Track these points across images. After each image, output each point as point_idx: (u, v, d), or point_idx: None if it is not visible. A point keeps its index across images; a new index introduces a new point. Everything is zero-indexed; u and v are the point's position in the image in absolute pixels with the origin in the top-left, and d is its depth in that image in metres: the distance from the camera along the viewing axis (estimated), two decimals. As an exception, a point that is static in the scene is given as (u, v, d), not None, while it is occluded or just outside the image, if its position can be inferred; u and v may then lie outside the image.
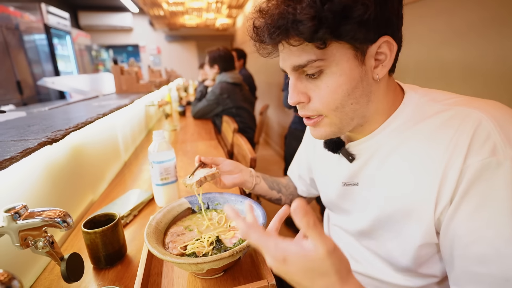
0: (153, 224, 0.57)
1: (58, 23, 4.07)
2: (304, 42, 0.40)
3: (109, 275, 0.58)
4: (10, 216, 0.40)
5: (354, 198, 0.56)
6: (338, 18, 0.37)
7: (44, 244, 0.44)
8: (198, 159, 0.69)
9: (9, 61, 3.00)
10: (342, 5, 0.37)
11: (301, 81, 0.46)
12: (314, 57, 0.41)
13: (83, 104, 1.37)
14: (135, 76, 1.91)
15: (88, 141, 0.97)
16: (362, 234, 0.56)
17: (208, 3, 4.31)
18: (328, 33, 0.38)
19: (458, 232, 0.40)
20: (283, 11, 0.39)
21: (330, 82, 0.43)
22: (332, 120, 0.46)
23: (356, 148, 0.52)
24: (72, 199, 0.83)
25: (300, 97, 0.46)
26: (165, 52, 7.47)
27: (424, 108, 0.45)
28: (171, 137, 1.77)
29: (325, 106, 0.45)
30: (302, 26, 0.38)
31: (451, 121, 0.41)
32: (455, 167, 0.39)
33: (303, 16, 0.37)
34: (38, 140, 0.60)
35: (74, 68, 4.68)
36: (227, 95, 2.04)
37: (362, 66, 0.42)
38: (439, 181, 0.40)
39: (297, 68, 0.44)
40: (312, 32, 0.38)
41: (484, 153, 0.37)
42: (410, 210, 0.45)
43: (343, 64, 0.42)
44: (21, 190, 0.61)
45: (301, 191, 0.80)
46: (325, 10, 0.37)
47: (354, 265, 0.60)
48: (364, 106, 0.45)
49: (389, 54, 0.43)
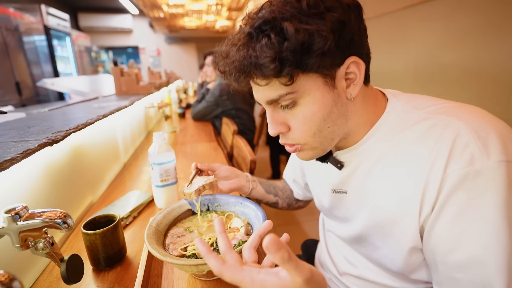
0: (153, 225, 0.57)
1: (58, 24, 4.07)
2: (271, 80, 0.41)
3: (109, 276, 0.58)
4: (11, 217, 0.40)
5: (344, 206, 0.56)
6: (299, 55, 0.38)
7: (44, 245, 0.44)
8: (195, 166, 0.69)
9: (8, 62, 3.00)
10: (299, 42, 0.37)
11: (277, 112, 0.46)
12: (285, 92, 0.42)
13: (83, 105, 1.37)
14: (135, 78, 1.92)
15: (88, 143, 0.97)
16: (354, 241, 0.56)
17: (208, 5, 4.33)
18: (293, 69, 0.39)
19: (438, 240, 0.41)
20: (244, 55, 0.40)
21: (305, 111, 0.44)
22: (313, 145, 0.47)
23: (344, 156, 0.53)
24: (71, 200, 0.83)
25: (280, 128, 0.46)
26: (164, 54, 7.48)
27: (407, 116, 0.45)
28: (171, 139, 1.77)
29: (304, 134, 0.46)
30: (265, 69, 0.39)
31: (432, 131, 0.42)
32: (436, 175, 0.40)
33: (264, 59, 0.38)
34: (38, 141, 0.60)
35: (73, 70, 4.68)
36: (227, 97, 2.05)
37: (333, 90, 0.43)
38: (422, 189, 0.41)
39: (271, 102, 0.45)
40: (276, 73, 0.39)
41: (462, 162, 0.38)
42: (396, 218, 0.45)
43: (314, 93, 0.42)
44: (21, 191, 0.61)
45: (297, 194, 0.80)
46: (284, 50, 0.37)
47: (349, 268, 0.61)
48: (342, 126, 0.46)
49: (358, 73, 0.43)
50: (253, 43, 0.39)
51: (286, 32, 0.37)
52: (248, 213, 0.63)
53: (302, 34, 0.37)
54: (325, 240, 0.70)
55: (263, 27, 0.39)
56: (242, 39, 0.41)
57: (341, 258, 0.62)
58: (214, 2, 4.18)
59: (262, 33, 0.39)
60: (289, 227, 2.05)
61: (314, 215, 2.19)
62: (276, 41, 0.37)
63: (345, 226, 0.57)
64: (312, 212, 2.23)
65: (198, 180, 0.64)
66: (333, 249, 0.66)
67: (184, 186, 0.62)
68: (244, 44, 0.40)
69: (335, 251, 0.65)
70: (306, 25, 0.37)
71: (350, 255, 0.60)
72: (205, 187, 0.62)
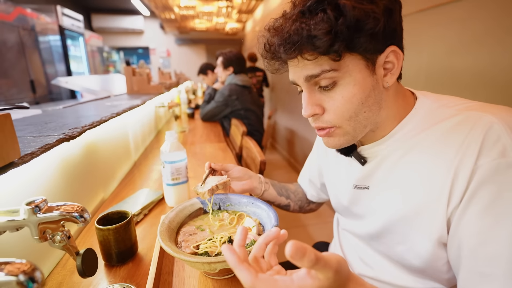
0: (166, 222, 0.57)
1: (72, 24, 4.16)
2: (318, 56, 0.42)
3: (121, 272, 0.59)
4: (31, 209, 0.41)
5: (364, 202, 0.56)
6: (351, 31, 0.39)
7: (61, 238, 0.45)
8: (208, 165, 0.69)
9: (24, 61, 3.08)
10: (355, 19, 0.39)
11: (314, 93, 0.47)
12: (329, 67, 0.42)
13: (96, 103, 1.39)
14: (146, 78, 1.94)
15: (101, 140, 0.98)
16: (372, 237, 0.55)
17: (219, 7, 4.37)
18: (343, 46, 0.40)
19: (466, 232, 0.40)
20: (297, 27, 0.40)
21: (344, 92, 0.44)
22: (346, 130, 0.47)
23: (368, 151, 0.53)
24: (84, 195, 0.84)
25: (315, 109, 0.46)
26: (174, 55, 7.57)
27: (436, 113, 0.46)
28: (180, 139, 1.78)
29: (340, 116, 0.45)
30: (317, 41, 0.39)
31: (463, 124, 0.42)
32: (466, 167, 0.39)
33: (318, 31, 0.39)
34: (56, 136, 0.61)
35: (85, 69, 4.77)
36: (236, 97, 2.06)
37: (373, 76, 0.44)
38: (451, 180, 0.41)
39: (310, 79, 0.45)
40: (328, 46, 0.39)
41: (494, 154, 0.38)
42: (423, 209, 0.45)
43: (356, 74, 0.43)
44: (39, 184, 0.62)
45: (311, 196, 0.80)
46: (339, 25, 0.38)
47: (364, 269, 0.60)
48: (376, 113, 0.47)
49: (397, 63, 0.45)
50: (307, 18, 0.40)
51: (343, 8, 0.39)
52: (259, 213, 0.63)
53: (358, 11, 0.38)
54: (339, 241, 0.70)
55: (318, 4, 0.40)
56: (295, 15, 0.42)
57: (357, 259, 0.62)
58: (225, 5, 4.22)
59: (318, 8, 0.40)
60: (296, 230, 2.04)
61: (321, 219, 2.17)
62: (332, 15, 0.39)
63: (364, 223, 0.57)
64: (319, 216, 2.21)
65: (211, 180, 0.65)
66: (348, 249, 0.65)
67: (198, 185, 0.63)
68: (298, 18, 0.41)
69: (351, 252, 0.64)
70: (361, 5, 0.39)
71: (366, 255, 0.59)
72: (218, 186, 0.62)
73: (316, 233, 2.02)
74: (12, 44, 2.89)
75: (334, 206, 0.67)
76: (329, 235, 1.13)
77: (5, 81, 2.79)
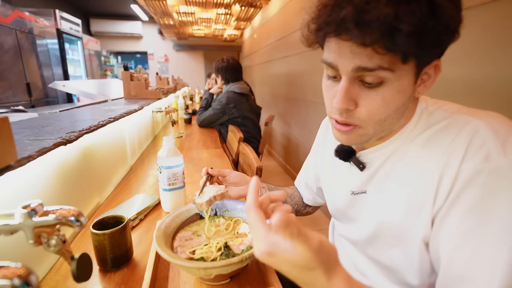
0: (162, 228, 0.57)
1: (70, 28, 4.17)
2: (387, 52, 0.36)
3: (115, 277, 0.58)
4: (27, 213, 0.41)
5: (361, 206, 0.56)
6: (434, 38, 0.35)
7: (56, 242, 0.44)
8: (206, 171, 0.69)
9: (20, 63, 3.07)
10: (445, 25, 0.35)
11: (353, 86, 0.42)
12: (386, 65, 0.38)
13: (93, 107, 1.39)
14: (144, 83, 1.95)
15: (97, 144, 0.98)
16: (366, 242, 0.55)
17: (217, 14, 4.41)
18: (418, 52, 0.36)
19: (447, 234, 0.40)
20: (382, 8, 0.33)
21: (386, 95, 0.41)
22: (366, 131, 0.45)
23: (367, 157, 0.53)
24: (80, 200, 0.83)
25: (350, 104, 0.42)
26: (172, 60, 7.60)
27: (430, 117, 0.47)
28: (177, 144, 1.78)
29: (371, 117, 0.43)
30: (399, 36, 0.34)
31: (451, 127, 0.42)
32: (451, 169, 0.40)
33: (404, 24, 0.33)
34: (53, 140, 0.61)
35: (83, 73, 4.76)
36: (233, 105, 2.07)
37: (414, 85, 0.42)
38: (437, 182, 0.41)
39: (359, 71, 0.39)
40: (405, 47, 0.35)
41: (478, 159, 0.38)
42: (412, 212, 0.45)
43: (404, 80, 0.40)
44: (34, 188, 0.62)
45: (307, 200, 0.80)
46: (429, 27, 0.34)
47: (359, 278, 0.60)
48: (398, 120, 0.46)
49: (433, 76, 0.43)
50: (398, 1, 0.33)
51: (440, 7, 0.34)
52: (255, 219, 0.63)
53: (451, 18, 0.35)
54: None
55: None
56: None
57: (351, 266, 0.62)
58: (223, 12, 4.27)
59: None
60: (291, 237, 2.03)
61: (318, 226, 2.17)
62: (426, 11, 0.33)
63: (360, 226, 0.56)
64: (315, 223, 2.21)
65: (209, 190, 0.64)
66: (343, 256, 0.65)
67: (195, 195, 0.62)
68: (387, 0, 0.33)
69: (345, 259, 0.64)
70: (456, 10, 0.35)
71: (360, 262, 0.59)
72: (216, 197, 0.61)
73: (311, 240, 2.01)
74: (9, 46, 2.88)
75: (330, 211, 0.67)
76: (324, 242, 1.12)
77: (1, 83, 2.78)
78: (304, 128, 2.85)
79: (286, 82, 3.31)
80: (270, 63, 3.98)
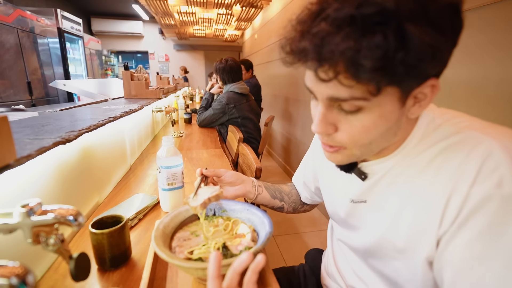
0: (160, 228, 0.57)
1: (71, 27, 4.18)
2: (354, 84, 0.34)
3: (114, 277, 0.59)
4: (26, 212, 0.41)
5: (361, 215, 0.54)
6: (407, 68, 0.32)
7: (55, 241, 0.44)
8: (200, 172, 0.67)
9: (21, 62, 3.08)
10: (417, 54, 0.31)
11: (331, 111, 0.40)
12: (359, 95, 0.35)
13: (93, 107, 1.39)
14: (145, 82, 1.95)
15: (97, 144, 0.98)
16: (367, 252, 0.54)
17: (218, 14, 4.42)
18: (388, 81, 0.34)
19: (450, 258, 0.39)
20: (341, 41, 0.31)
21: (366, 121, 0.39)
22: (353, 152, 0.44)
23: (370, 168, 0.51)
24: (79, 199, 0.84)
25: (328, 129, 0.42)
26: (173, 60, 7.61)
27: (438, 130, 0.44)
28: (177, 144, 1.78)
29: (352, 141, 0.42)
30: (362, 71, 0.31)
31: (462, 145, 0.40)
32: (460, 192, 0.38)
33: (367, 59, 0.30)
34: (53, 139, 0.61)
35: (83, 72, 4.77)
36: (233, 105, 2.07)
37: (402, 108, 0.39)
38: (445, 203, 0.39)
39: (333, 100, 0.38)
40: (370, 80, 0.33)
41: (489, 184, 0.36)
42: (415, 230, 0.44)
43: (385, 107, 0.37)
44: (33, 187, 0.62)
45: (305, 198, 0.80)
46: (396, 59, 0.31)
47: (357, 282, 0.59)
48: (389, 141, 0.44)
49: (430, 96, 0.39)
50: (358, 32, 0.30)
51: (409, 37, 0.30)
52: (254, 220, 0.63)
53: (424, 47, 0.31)
54: (333, 251, 0.69)
55: (379, 17, 0.30)
56: (342, 19, 0.31)
57: (349, 271, 0.61)
58: (224, 12, 4.27)
59: (376, 24, 0.30)
60: (290, 237, 2.04)
61: (316, 226, 2.17)
62: (393, 43, 0.30)
63: (360, 236, 0.55)
64: (314, 223, 2.21)
65: (203, 191, 0.62)
66: (341, 260, 0.64)
67: (189, 197, 0.61)
68: (345, 25, 0.31)
69: (343, 263, 0.63)
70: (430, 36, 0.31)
71: (360, 269, 0.58)
72: (210, 199, 0.60)
73: (310, 241, 2.01)
74: (10, 45, 2.89)
75: (329, 212, 0.67)
76: (323, 242, 1.13)
77: (2, 82, 2.78)
78: (304, 129, 2.85)
79: (287, 82, 3.31)
80: (271, 64, 3.99)
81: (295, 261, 1.10)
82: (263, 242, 0.52)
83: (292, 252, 1.87)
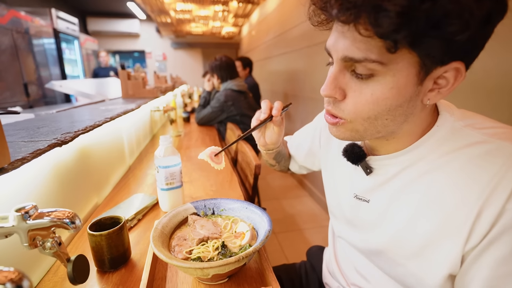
0: (159, 228, 0.57)
1: (67, 28, 4.15)
2: (373, 36, 0.33)
3: (113, 278, 0.58)
4: (21, 216, 0.41)
5: (364, 215, 0.52)
6: (429, 25, 0.30)
7: (52, 244, 0.44)
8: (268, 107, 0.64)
9: (17, 64, 3.06)
10: (444, 11, 0.30)
11: (343, 75, 0.39)
12: (374, 57, 0.34)
13: (90, 107, 1.38)
14: (142, 82, 1.94)
15: (95, 144, 0.97)
16: (372, 253, 0.52)
17: (215, 11, 4.39)
18: (409, 38, 0.32)
19: (478, 275, 0.37)
20: None
21: (376, 90, 0.37)
22: (355, 127, 0.42)
23: (377, 163, 0.49)
24: (77, 201, 0.83)
25: (336, 92, 0.40)
26: (170, 58, 7.57)
27: (461, 133, 0.41)
28: (175, 143, 1.78)
29: (358, 112, 0.40)
30: (384, 17, 0.30)
31: (494, 155, 0.37)
32: (493, 207, 0.35)
33: (390, 4, 0.30)
34: (48, 141, 0.60)
35: (80, 72, 4.75)
36: (232, 103, 2.06)
37: (417, 86, 0.37)
38: (474, 217, 0.37)
39: (348, 60, 0.37)
40: (391, 30, 0.31)
41: None
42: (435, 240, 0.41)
43: (400, 78, 0.36)
44: (30, 190, 0.61)
45: (293, 167, 0.86)
46: (421, 10, 0.30)
47: (359, 280, 0.58)
48: (397, 125, 0.41)
49: (452, 83, 0.37)
50: None
51: None
52: (253, 218, 0.62)
53: (453, 4, 0.30)
54: (334, 249, 0.68)
55: None
56: None
57: (351, 269, 0.60)
58: (221, 9, 4.24)
59: None
60: (291, 234, 2.04)
61: (317, 223, 2.17)
62: None
63: (363, 236, 0.53)
64: (315, 219, 2.21)
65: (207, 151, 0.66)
66: (343, 258, 0.63)
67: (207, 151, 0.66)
68: None
69: (345, 261, 0.62)
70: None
71: (363, 267, 0.56)
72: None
73: (312, 237, 2.01)
74: (5, 47, 2.87)
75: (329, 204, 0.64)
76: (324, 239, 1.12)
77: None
78: (303, 125, 2.83)
79: (285, 78, 3.30)
80: (269, 60, 3.97)
81: (297, 257, 1.10)
82: (262, 240, 0.51)
83: (293, 248, 1.87)
